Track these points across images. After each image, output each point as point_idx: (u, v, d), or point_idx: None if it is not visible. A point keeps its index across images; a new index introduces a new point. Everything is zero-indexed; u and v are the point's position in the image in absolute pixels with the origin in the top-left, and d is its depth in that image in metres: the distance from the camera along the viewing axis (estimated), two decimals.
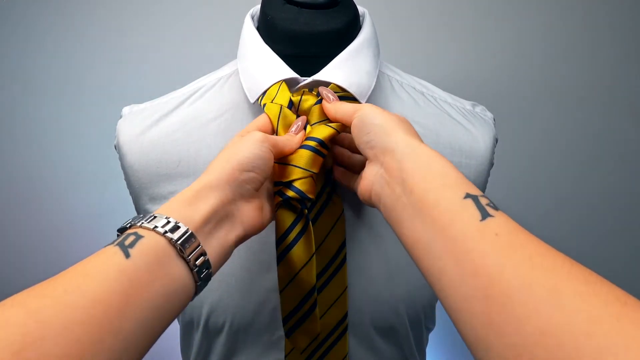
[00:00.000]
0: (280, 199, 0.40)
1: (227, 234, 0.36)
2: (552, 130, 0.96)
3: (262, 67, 0.45)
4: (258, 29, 0.49)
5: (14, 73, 1.00)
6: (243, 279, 0.46)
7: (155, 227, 0.31)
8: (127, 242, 0.29)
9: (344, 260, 0.46)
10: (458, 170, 0.32)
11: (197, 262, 0.32)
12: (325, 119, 0.43)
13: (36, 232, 1.10)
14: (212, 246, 0.34)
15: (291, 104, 0.43)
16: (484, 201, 0.29)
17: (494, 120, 0.55)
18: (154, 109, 0.50)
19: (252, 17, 0.50)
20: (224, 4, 0.93)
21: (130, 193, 0.50)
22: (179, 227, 0.31)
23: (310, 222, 0.41)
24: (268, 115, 0.43)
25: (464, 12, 0.91)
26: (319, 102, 0.44)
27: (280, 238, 0.41)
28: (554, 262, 0.24)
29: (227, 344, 0.49)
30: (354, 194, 0.44)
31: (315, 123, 0.43)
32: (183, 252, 0.31)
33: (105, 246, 0.30)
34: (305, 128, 0.43)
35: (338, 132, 0.42)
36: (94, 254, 0.29)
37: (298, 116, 0.44)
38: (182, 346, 0.56)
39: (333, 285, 0.46)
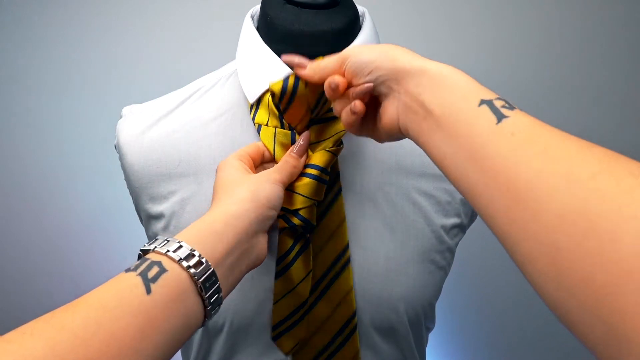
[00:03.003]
0: (286, 225, 0.41)
1: (243, 267, 0.37)
2: None
3: (262, 67, 0.45)
4: (258, 29, 0.49)
5: (14, 73, 1.00)
6: (243, 280, 0.46)
7: (180, 259, 0.32)
8: (150, 275, 0.30)
9: (347, 262, 0.46)
10: (469, 78, 0.32)
11: (212, 300, 0.33)
12: (322, 140, 0.43)
13: (37, 231, 1.10)
14: (228, 281, 0.35)
15: (280, 116, 0.44)
16: (499, 104, 0.29)
17: None
18: (154, 109, 0.50)
19: (252, 17, 0.50)
20: (224, 4, 0.93)
21: (130, 193, 0.50)
22: (202, 263, 0.32)
23: (310, 241, 0.43)
24: (264, 144, 0.44)
25: (464, 12, 0.91)
26: (314, 123, 0.43)
27: (281, 258, 0.42)
28: (569, 150, 0.24)
29: (227, 344, 0.48)
30: (355, 195, 0.43)
31: (314, 143, 0.44)
32: (202, 290, 0.32)
33: (126, 270, 0.31)
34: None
35: (336, 155, 0.43)
36: (115, 278, 0.30)
37: (287, 127, 0.44)
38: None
39: (337, 285, 0.46)
